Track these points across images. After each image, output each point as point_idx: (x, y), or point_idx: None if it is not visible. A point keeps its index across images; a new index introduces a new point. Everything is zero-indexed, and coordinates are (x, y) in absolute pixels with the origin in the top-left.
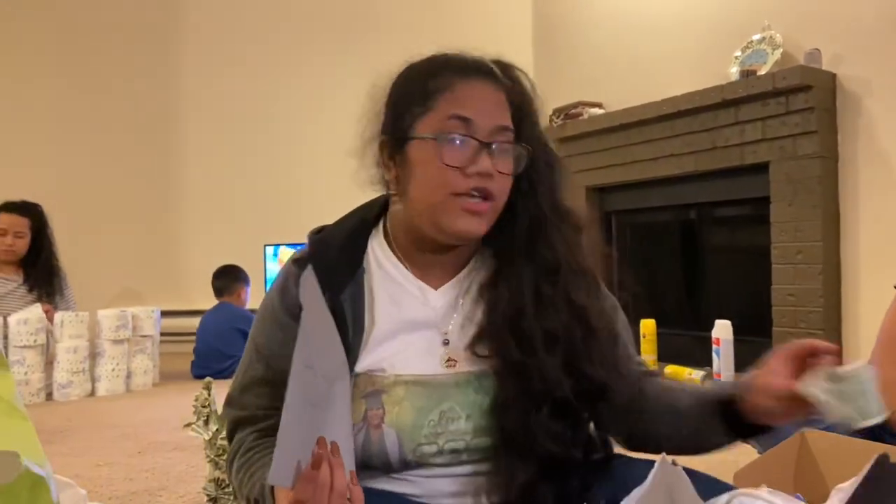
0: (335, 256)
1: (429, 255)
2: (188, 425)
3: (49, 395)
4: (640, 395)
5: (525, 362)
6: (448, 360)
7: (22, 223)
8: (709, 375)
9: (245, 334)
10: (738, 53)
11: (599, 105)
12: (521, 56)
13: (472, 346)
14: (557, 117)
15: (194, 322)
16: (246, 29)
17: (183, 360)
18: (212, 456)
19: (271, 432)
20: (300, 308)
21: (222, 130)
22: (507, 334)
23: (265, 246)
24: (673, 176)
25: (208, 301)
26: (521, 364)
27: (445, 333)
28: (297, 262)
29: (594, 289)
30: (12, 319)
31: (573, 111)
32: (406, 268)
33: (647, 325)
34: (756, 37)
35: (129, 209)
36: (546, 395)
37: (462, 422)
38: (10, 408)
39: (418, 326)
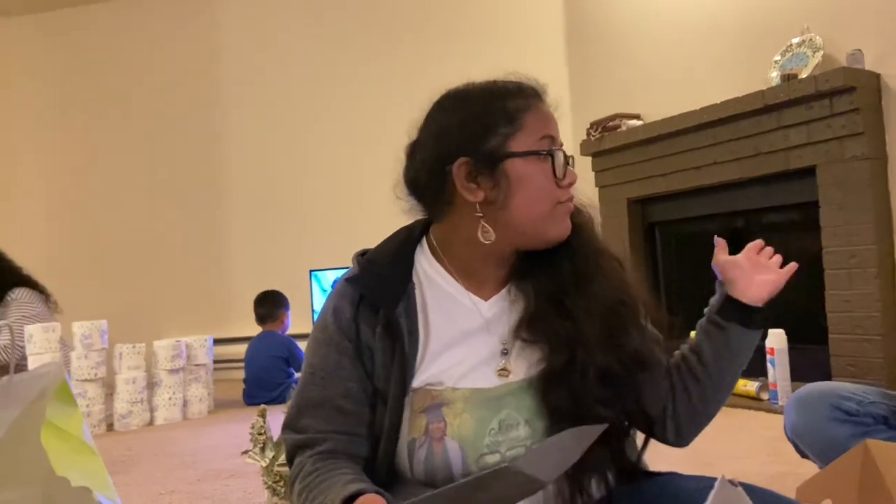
0: (385, 273)
1: (480, 270)
2: (245, 452)
3: (110, 426)
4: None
5: (569, 333)
6: (502, 369)
7: None
8: (764, 386)
9: (286, 361)
10: (778, 57)
11: (637, 116)
12: (555, 72)
13: (517, 330)
14: (595, 130)
15: (244, 349)
16: (288, 58)
17: (235, 387)
18: (269, 482)
19: (330, 455)
20: (355, 328)
21: (266, 160)
22: (551, 311)
23: (311, 271)
24: (717, 184)
25: (256, 327)
26: (564, 336)
27: (504, 343)
28: (349, 281)
29: (626, 272)
30: (73, 354)
31: (610, 124)
32: (456, 281)
33: None
34: (795, 40)
35: (178, 240)
36: (590, 363)
37: (521, 428)
38: (80, 444)
39: (473, 336)
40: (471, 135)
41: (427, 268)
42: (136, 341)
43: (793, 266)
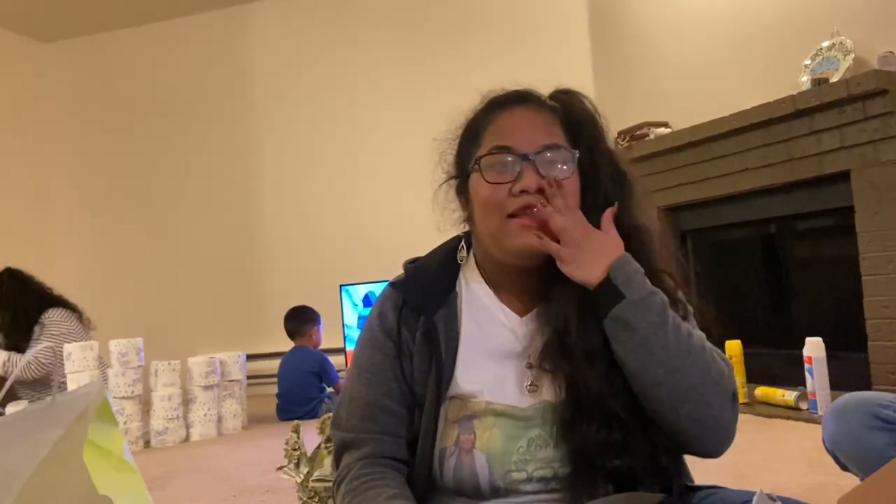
0: (429, 280)
1: (507, 283)
2: (280, 468)
3: (147, 443)
4: None
5: (572, 374)
6: (531, 385)
7: None
8: (803, 396)
9: (318, 376)
10: (808, 61)
11: (665, 124)
12: (581, 82)
13: (540, 360)
14: (623, 139)
15: (276, 364)
16: (318, 74)
17: (267, 402)
18: (304, 498)
19: (377, 462)
20: (398, 330)
21: (298, 176)
22: (556, 348)
23: (341, 286)
24: (748, 191)
25: (288, 342)
26: (569, 377)
27: (530, 357)
28: (395, 286)
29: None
30: (111, 372)
31: (639, 132)
32: (493, 293)
33: (733, 347)
34: (825, 44)
35: (211, 257)
36: (595, 408)
37: (550, 449)
38: (122, 462)
39: (505, 354)
40: (456, 153)
41: (470, 278)
42: (171, 358)
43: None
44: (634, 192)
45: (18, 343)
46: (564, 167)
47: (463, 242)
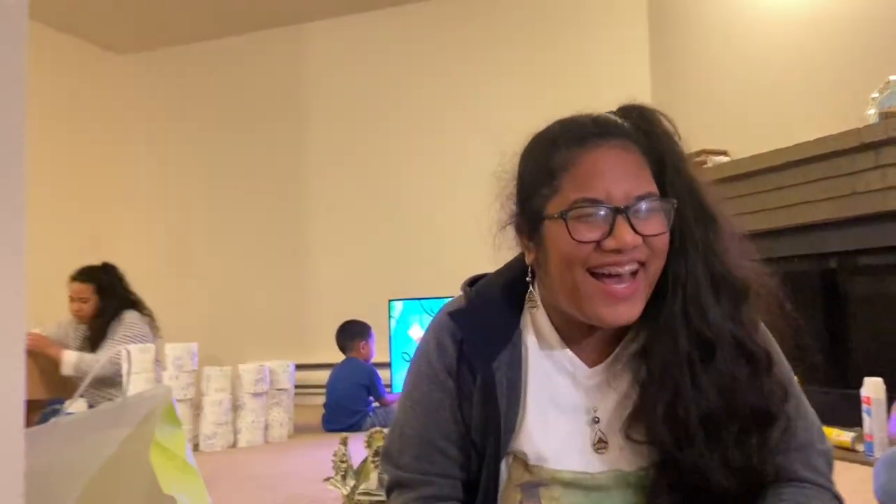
0: (493, 314)
1: (575, 330)
2: (327, 479)
3: (196, 446)
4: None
5: (680, 453)
6: (599, 442)
7: (84, 289)
8: (859, 437)
9: (366, 389)
10: (876, 94)
11: (724, 153)
12: None
13: (625, 429)
14: None
15: (322, 375)
16: (371, 91)
17: (312, 412)
18: None
19: (433, 501)
20: (457, 369)
21: (349, 190)
22: (659, 420)
23: (389, 301)
24: (808, 224)
25: (335, 354)
26: (674, 455)
27: (595, 411)
28: (454, 317)
29: (761, 365)
30: (165, 375)
31: (696, 160)
32: (560, 336)
33: None
34: (894, 77)
35: (264, 267)
36: (701, 489)
37: None
38: (184, 464)
39: (570, 405)
40: (522, 193)
41: (536, 314)
42: (221, 364)
43: None
44: (723, 231)
45: (96, 336)
46: (658, 220)
47: (532, 286)
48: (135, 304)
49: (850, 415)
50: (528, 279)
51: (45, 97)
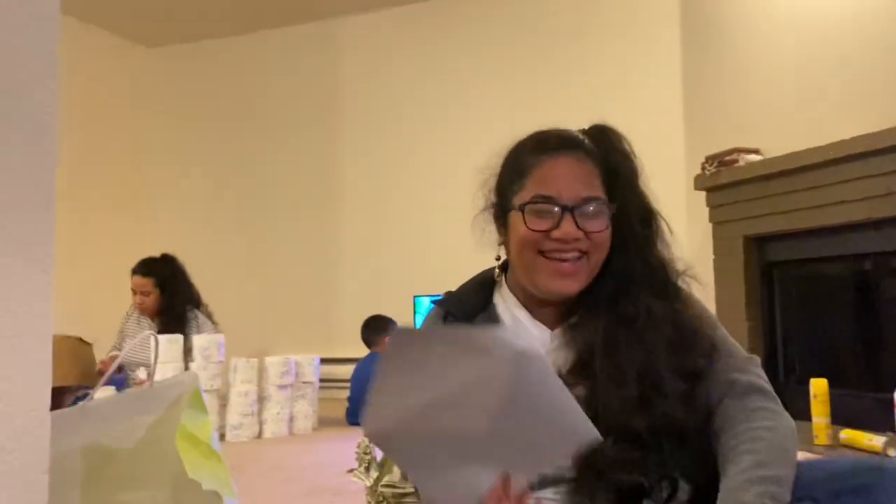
0: (468, 295)
1: (545, 305)
2: (351, 471)
3: (222, 436)
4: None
5: (592, 392)
6: None
7: (146, 283)
8: (891, 442)
9: None
10: None
11: (757, 151)
12: (670, 106)
13: (565, 375)
14: (710, 164)
15: (347, 369)
16: (401, 91)
17: (335, 406)
18: (373, 502)
19: None
20: None
21: (377, 187)
22: (580, 368)
23: (414, 297)
24: (842, 224)
25: (359, 349)
26: (589, 394)
27: (558, 367)
28: (437, 303)
29: (686, 332)
30: (193, 365)
31: (728, 158)
32: (526, 309)
33: (818, 385)
34: None
35: (291, 261)
36: (612, 425)
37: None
38: (210, 450)
39: None
40: (499, 185)
41: (504, 293)
42: (247, 356)
43: None
44: (662, 230)
45: (169, 326)
46: (600, 220)
47: (498, 267)
48: (196, 298)
49: (882, 418)
50: (498, 264)
51: (73, 89)
